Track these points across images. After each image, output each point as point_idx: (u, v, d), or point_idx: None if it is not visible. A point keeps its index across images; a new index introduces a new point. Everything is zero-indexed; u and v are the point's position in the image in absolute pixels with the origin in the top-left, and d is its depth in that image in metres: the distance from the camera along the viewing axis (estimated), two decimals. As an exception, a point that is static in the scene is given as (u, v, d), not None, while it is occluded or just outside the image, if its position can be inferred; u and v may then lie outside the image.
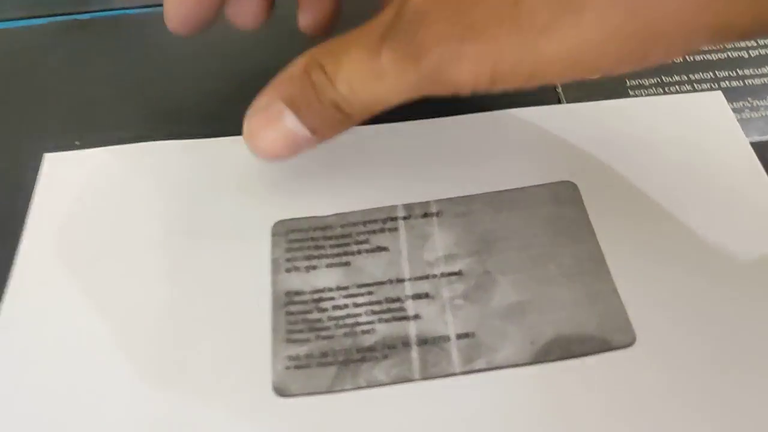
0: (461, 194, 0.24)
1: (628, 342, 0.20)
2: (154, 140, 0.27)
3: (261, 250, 0.23)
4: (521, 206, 0.24)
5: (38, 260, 0.23)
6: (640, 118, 0.26)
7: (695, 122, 0.25)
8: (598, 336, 0.20)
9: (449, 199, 0.24)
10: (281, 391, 0.20)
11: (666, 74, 0.27)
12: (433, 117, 0.27)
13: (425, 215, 0.24)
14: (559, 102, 0.27)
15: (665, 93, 0.27)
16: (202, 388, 0.20)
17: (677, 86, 0.27)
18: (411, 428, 0.19)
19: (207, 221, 0.24)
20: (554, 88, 0.27)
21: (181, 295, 0.22)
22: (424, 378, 0.20)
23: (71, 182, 0.26)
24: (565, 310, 0.21)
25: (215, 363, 0.21)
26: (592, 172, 0.24)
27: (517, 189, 0.24)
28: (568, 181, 0.24)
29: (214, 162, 0.26)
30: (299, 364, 0.21)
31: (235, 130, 0.27)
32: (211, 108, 0.29)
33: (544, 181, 0.24)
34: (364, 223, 0.24)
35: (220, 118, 0.27)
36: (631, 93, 0.27)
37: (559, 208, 0.23)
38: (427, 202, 0.24)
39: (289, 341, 0.21)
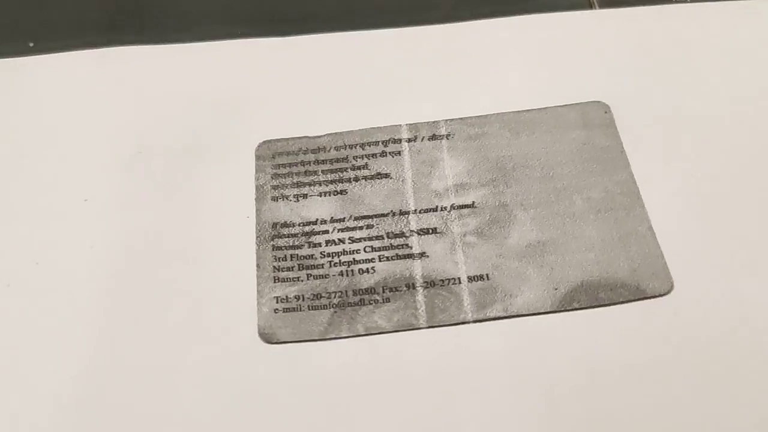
0: (474, 114, 0.21)
1: (666, 290, 0.18)
2: (118, 45, 0.23)
3: (243, 174, 0.20)
4: (544, 129, 0.21)
5: None
6: (682, 28, 0.22)
7: (748, 32, 0.22)
8: (631, 282, 0.18)
9: (461, 119, 0.21)
10: (268, 338, 0.18)
11: (714, -22, 0.24)
12: (442, 23, 0.23)
13: (433, 137, 0.21)
14: (590, 6, 0.23)
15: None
16: (178, 332, 0.18)
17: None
18: (415, 382, 0.17)
19: (180, 139, 0.21)
20: (584, -10, 0.24)
21: (150, 222, 0.20)
22: (431, 326, 0.18)
23: (24, 90, 0.23)
24: (593, 251, 0.18)
25: (194, 304, 0.18)
26: (627, 91, 0.21)
27: (539, 109, 0.21)
28: (599, 102, 0.21)
29: (189, 70, 0.23)
30: (288, 306, 0.18)
31: (215, 34, 0.23)
32: (187, 7, 0.25)
33: (570, 101, 0.21)
34: (363, 146, 0.21)
35: (200, 18, 0.24)
36: (673, -2, 0.23)
37: (588, 133, 0.20)
38: (436, 123, 0.21)
39: (277, 280, 0.18)
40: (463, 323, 0.18)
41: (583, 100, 0.21)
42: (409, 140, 0.21)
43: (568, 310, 0.18)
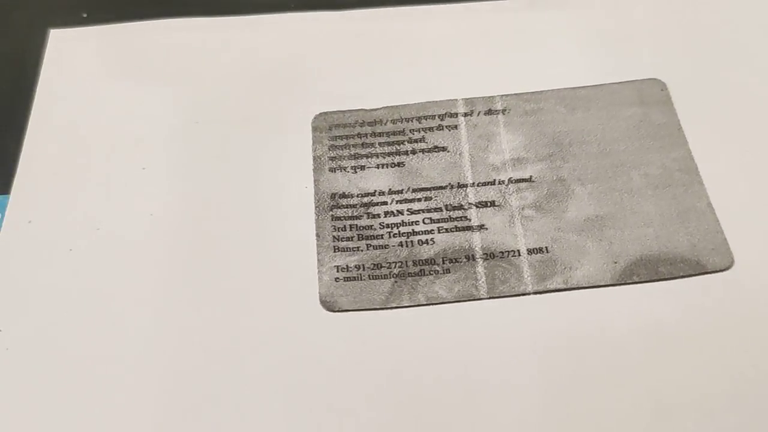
0: (530, 90, 0.21)
1: (726, 265, 0.18)
2: (170, 17, 0.23)
3: (301, 146, 0.21)
4: (600, 106, 0.21)
5: (45, 157, 0.21)
6: (742, 9, 0.22)
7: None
8: (691, 257, 0.18)
9: (517, 95, 0.21)
10: (330, 305, 0.18)
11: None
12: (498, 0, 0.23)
13: (489, 112, 0.21)
14: (646, -15, 0.23)
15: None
16: (239, 300, 0.18)
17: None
18: (476, 350, 0.17)
19: (237, 111, 0.22)
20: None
21: (209, 192, 0.20)
22: (492, 296, 0.18)
23: (79, 61, 0.23)
24: (652, 226, 0.18)
25: (254, 272, 0.18)
26: (684, 68, 0.21)
27: (594, 86, 0.21)
28: (656, 79, 0.21)
29: (245, 43, 0.23)
30: (349, 275, 0.18)
31: (275, 4, 0.24)
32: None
33: (626, 78, 0.21)
34: (419, 119, 0.21)
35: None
36: (730, -23, 0.23)
37: (645, 110, 0.20)
38: (492, 98, 0.21)
39: (337, 249, 0.19)
40: (524, 294, 0.18)
41: (639, 77, 0.21)
42: (465, 114, 0.21)
43: (627, 284, 0.18)
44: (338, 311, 0.18)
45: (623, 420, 0.16)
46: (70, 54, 0.23)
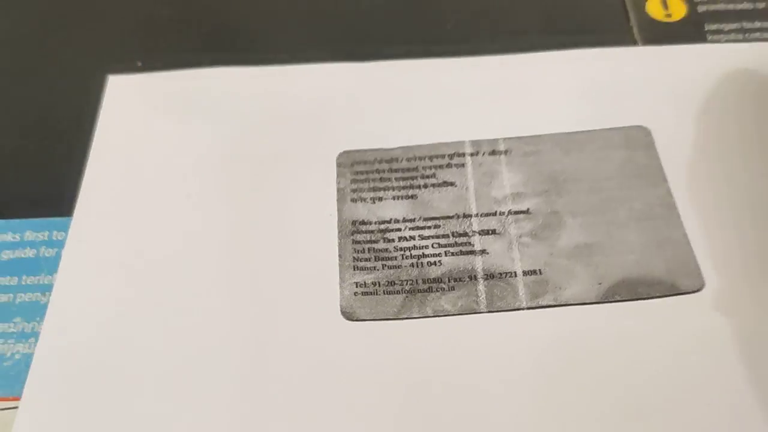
0: (530, 134, 0.24)
1: (697, 287, 0.20)
2: (219, 65, 0.27)
3: (326, 179, 0.24)
4: (592, 149, 0.23)
5: (103, 185, 0.24)
6: (718, 65, 0.25)
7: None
8: (667, 280, 0.20)
9: (518, 138, 0.24)
10: (349, 315, 0.21)
11: (747, 20, 0.27)
12: (501, 54, 0.26)
13: (493, 152, 0.24)
14: (634, 43, 0.26)
15: (745, 40, 0.26)
16: (271, 309, 0.21)
17: (759, 32, 0.26)
18: (476, 356, 0.20)
19: (270, 147, 0.24)
20: (630, 29, 0.27)
21: (246, 219, 0.23)
22: (491, 310, 0.20)
23: (135, 105, 0.26)
24: (633, 253, 0.21)
25: (284, 286, 0.21)
26: (666, 118, 0.24)
27: (587, 131, 0.24)
28: (641, 126, 0.24)
29: (280, 88, 0.26)
30: (366, 290, 0.21)
31: (307, 56, 0.27)
32: (284, 31, 0.28)
33: (615, 125, 0.24)
34: (431, 158, 0.24)
35: (293, 43, 0.27)
36: (709, 38, 0.26)
37: (632, 152, 0.23)
38: (495, 140, 0.24)
39: (356, 268, 0.21)
40: (518, 309, 0.20)
41: (626, 124, 0.24)
42: (471, 154, 0.24)
43: (609, 302, 0.20)
44: (356, 320, 0.21)
45: (600, 417, 0.18)
46: (126, 97, 0.27)
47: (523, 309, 0.20)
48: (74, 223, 0.23)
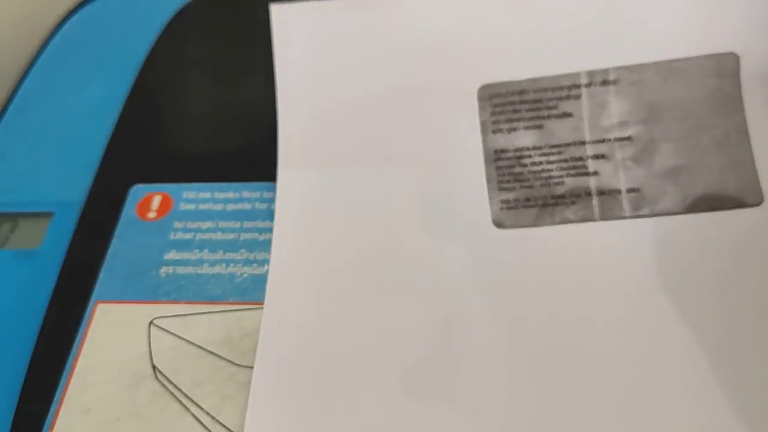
0: (635, 62, 0.29)
1: (758, 201, 0.27)
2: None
3: (470, 112, 0.31)
4: (686, 76, 0.29)
5: (295, 142, 0.31)
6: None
7: None
8: (737, 196, 0.28)
9: (626, 67, 0.30)
10: (499, 224, 0.29)
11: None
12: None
13: (604, 83, 0.30)
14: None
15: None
16: (437, 224, 0.29)
17: None
18: (592, 253, 0.28)
19: (422, 82, 0.31)
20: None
21: (405, 150, 0.30)
22: (603, 219, 0.28)
23: (300, 34, 0.32)
24: (713, 173, 0.28)
25: (447, 207, 0.30)
26: (757, 45, 0.29)
27: (684, 59, 0.29)
28: (731, 53, 0.29)
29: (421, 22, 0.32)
30: (509, 206, 0.29)
31: None
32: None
33: (708, 51, 0.29)
34: (553, 90, 0.30)
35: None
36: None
37: (719, 81, 0.29)
38: (606, 70, 0.30)
39: (500, 189, 0.29)
40: (623, 218, 0.28)
41: (718, 50, 0.29)
42: (586, 85, 0.30)
43: (692, 212, 0.28)
44: (504, 228, 0.29)
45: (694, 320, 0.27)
46: (291, 27, 0.32)
47: (626, 218, 0.28)
48: (280, 179, 0.31)
